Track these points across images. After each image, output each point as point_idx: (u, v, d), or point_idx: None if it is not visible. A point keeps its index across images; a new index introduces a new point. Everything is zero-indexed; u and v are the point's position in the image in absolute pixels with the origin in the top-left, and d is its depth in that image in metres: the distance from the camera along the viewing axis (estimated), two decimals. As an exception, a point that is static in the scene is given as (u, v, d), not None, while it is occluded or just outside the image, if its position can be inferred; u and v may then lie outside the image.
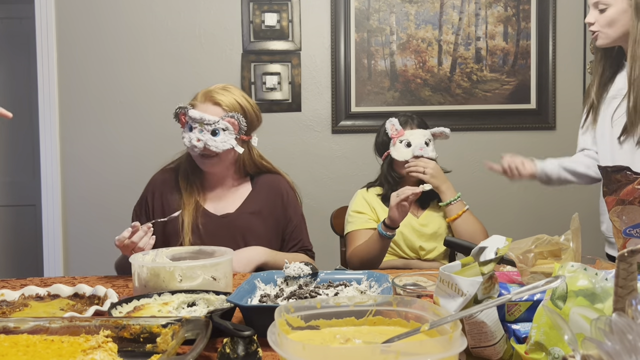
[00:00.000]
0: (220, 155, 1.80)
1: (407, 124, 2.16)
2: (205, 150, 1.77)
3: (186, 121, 1.80)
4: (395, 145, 2.12)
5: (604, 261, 1.08)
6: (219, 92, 1.82)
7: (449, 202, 2.11)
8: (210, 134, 1.76)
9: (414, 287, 1.07)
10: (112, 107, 3.12)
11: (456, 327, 0.73)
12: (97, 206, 3.13)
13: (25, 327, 0.97)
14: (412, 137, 2.11)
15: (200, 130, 1.76)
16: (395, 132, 2.12)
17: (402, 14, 3.14)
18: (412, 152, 2.09)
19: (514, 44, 3.16)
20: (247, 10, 3.10)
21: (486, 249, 0.88)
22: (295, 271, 1.32)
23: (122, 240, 1.59)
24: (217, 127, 1.76)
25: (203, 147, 1.76)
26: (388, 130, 2.14)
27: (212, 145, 1.75)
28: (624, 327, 0.58)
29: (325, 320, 0.85)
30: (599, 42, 1.87)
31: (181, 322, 0.96)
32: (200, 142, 1.75)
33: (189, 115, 1.78)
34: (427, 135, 2.13)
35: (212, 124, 1.75)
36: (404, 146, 2.11)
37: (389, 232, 1.92)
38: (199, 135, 1.76)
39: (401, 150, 2.11)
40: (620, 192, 1.09)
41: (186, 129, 1.80)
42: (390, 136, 2.13)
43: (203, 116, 1.76)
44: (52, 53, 3.08)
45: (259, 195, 1.90)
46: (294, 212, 1.94)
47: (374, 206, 2.17)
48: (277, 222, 1.91)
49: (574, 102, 3.19)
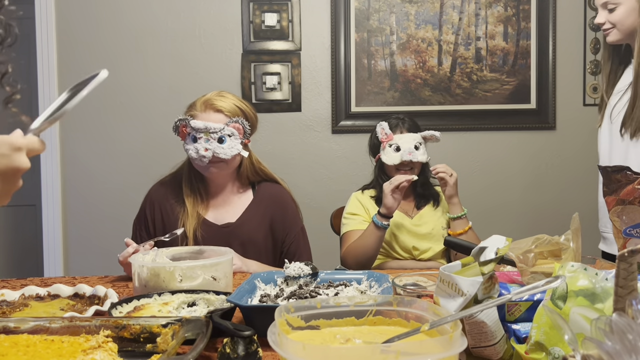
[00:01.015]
0: (228, 161, 1.79)
1: (397, 128, 2.15)
2: (214, 159, 1.75)
3: (188, 132, 1.77)
4: (385, 149, 2.13)
5: (604, 261, 1.08)
6: (217, 98, 1.81)
7: (457, 217, 2.12)
8: (217, 141, 1.74)
9: (414, 287, 1.07)
10: (112, 107, 3.12)
11: (456, 327, 0.73)
12: (97, 206, 3.13)
13: (25, 327, 0.97)
14: (401, 141, 2.11)
15: (207, 140, 1.74)
16: (385, 137, 2.13)
17: (402, 14, 3.14)
18: (401, 157, 2.09)
19: (514, 44, 3.16)
20: (247, 10, 3.10)
21: (486, 249, 0.88)
22: (295, 271, 1.32)
23: (126, 257, 1.58)
24: (224, 133, 1.75)
25: (212, 156, 1.74)
26: (378, 134, 2.16)
27: (221, 153, 1.74)
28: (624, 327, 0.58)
29: (325, 320, 0.85)
30: (609, 39, 1.88)
31: (181, 322, 0.96)
32: (208, 152, 1.73)
33: (191, 126, 1.75)
34: (417, 139, 2.12)
35: (218, 132, 1.74)
36: (393, 150, 2.11)
37: (385, 221, 1.99)
38: (206, 145, 1.73)
39: (390, 155, 2.11)
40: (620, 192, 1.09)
41: (189, 141, 1.77)
42: (380, 140, 2.15)
43: (207, 125, 1.74)
44: (52, 53, 3.08)
45: (261, 205, 1.89)
46: (293, 225, 1.91)
47: (367, 208, 2.18)
48: (276, 234, 1.90)
49: (574, 102, 3.20)
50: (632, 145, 1.82)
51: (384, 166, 2.17)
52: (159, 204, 1.88)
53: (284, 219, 1.90)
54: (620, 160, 1.83)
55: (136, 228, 1.90)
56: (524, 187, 3.21)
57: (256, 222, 1.87)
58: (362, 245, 2.03)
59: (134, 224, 1.92)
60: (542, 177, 3.21)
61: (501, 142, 3.19)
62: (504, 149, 3.21)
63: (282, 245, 1.91)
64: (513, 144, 3.20)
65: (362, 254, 2.03)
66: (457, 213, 2.11)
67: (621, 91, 1.89)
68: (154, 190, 1.93)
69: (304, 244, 1.94)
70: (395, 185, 1.95)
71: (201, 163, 1.77)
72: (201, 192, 1.87)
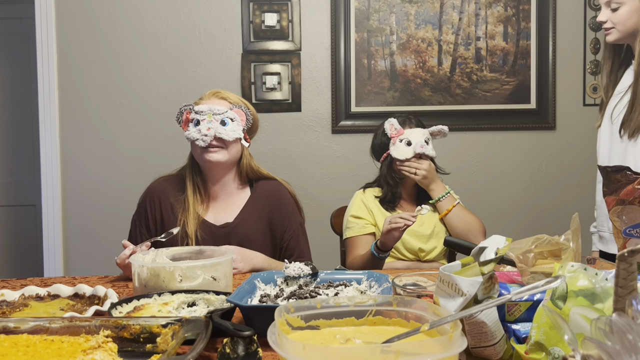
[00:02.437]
0: (228, 145, 1.80)
1: (405, 124, 2.16)
2: (215, 140, 1.78)
3: (191, 119, 1.80)
4: (396, 145, 2.12)
5: (604, 261, 1.08)
6: (223, 91, 1.89)
7: (438, 199, 2.12)
8: (219, 123, 1.78)
9: (414, 287, 1.07)
10: (112, 107, 3.12)
11: (456, 327, 0.73)
12: (97, 206, 3.13)
13: (25, 327, 0.97)
14: (411, 135, 2.11)
15: (210, 121, 1.78)
16: (395, 132, 2.13)
17: (402, 14, 3.14)
18: (414, 150, 2.09)
19: (514, 44, 3.16)
20: (247, 10, 3.10)
21: (486, 249, 0.88)
22: (295, 271, 1.32)
23: (124, 259, 1.58)
24: (226, 116, 1.79)
25: (214, 136, 1.77)
26: (387, 130, 2.15)
27: (223, 133, 1.77)
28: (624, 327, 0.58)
29: (325, 320, 0.85)
30: (609, 38, 1.88)
31: (181, 322, 0.96)
32: (210, 131, 1.77)
33: (195, 110, 1.80)
34: (425, 134, 2.13)
35: (221, 114, 1.79)
36: (405, 145, 2.11)
37: (382, 254, 1.95)
38: (209, 125, 1.77)
39: (402, 149, 2.11)
40: (620, 192, 1.08)
41: (191, 126, 1.80)
42: (390, 136, 2.14)
43: (211, 107, 1.79)
44: (52, 53, 3.08)
45: (258, 202, 1.89)
46: (291, 221, 1.91)
47: (371, 209, 2.17)
48: (274, 230, 1.89)
49: (574, 102, 3.19)
50: (631, 146, 1.83)
51: (392, 163, 2.16)
52: (159, 199, 1.88)
53: (281, 215, 1.90)
54: (619, 160, 1.83)
55: (135, 224, 1.89)
56: (523, 187, 3.21)
57: (254, 220, 1.87)
58: (364, 264, 2.00)
59: (132, 221, 1.91)
60: (542, 177, 3.21)
61: (501, 142, 3.19)
62: (504, 149, 3.21)
63: (281, 242, 1.90)
64: (513, 144, 3.20)
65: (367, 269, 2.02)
66: (439, 194, 2.12)
67: (621, 92, 1.89)
68: (155, 185, 1.92)
69: (303, 240, 1.94)
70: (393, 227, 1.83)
71: (202, 143, 1.78)
72: (201, 191, 1.87)
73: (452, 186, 2.33)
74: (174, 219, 1.83)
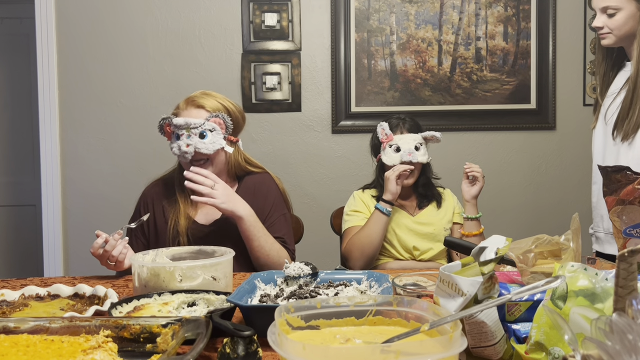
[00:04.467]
0: (211, 157, 1.79)
1: (397, 128, 2.16)
2: (197, 155, 1.76)
3: (172, 131, 1.78)
4: (385, 150, 2.13)
5: (604, 261, 1.08)
6: (200, 96, 1.83)
7: (473, 217, 2.13)
8: (198, 137, 1.75)
9: (414, 287, 1.07)
10: (112, 107, 3.12)
11: (456, 327, 0.73)
12: (97, 206, 3.13)
13: (25, 327, 0.97)
14: (401, 141, 2.11)
15: (188, 136, 1.74)
16: (385, 137, 2.14)
17: (402, 14, 3.14)
18: (401, 158, 2.10)
19: (514, 44, 3.16)
20: (247, 10, 3.10)
21: (486, 249, 0.88)
22: (295, 271, 1.32)
23: (97, 248, 1.59)
24: (204, 128, 1.75)
25: (194, 152, 1.75)
26: (378, 135, 2.16)
27: (202, 148, 1.74)
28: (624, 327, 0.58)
29: (325, 320, 0.85)
30: (605, 42, 1.88)
31: (181, 322, 0.96)
32: (190, 147, 1.74)
33: (173, 123, 1.76)
34: (417, 140, 2.12)
35: (199, 127, 1.75)
36: (393, 151, 2.12)
37: (388, 207, 2.05)
38: (187, 141, 1.74)
39: (390, 155, 2.12)
40: (620, 192, 1.08)
41: (173, 139, 1.78)
42: (380, 140, 2.15)
43: (188, 121, 1.74)
44: (52, 53, 3.08)
45: (245, 196, 1.86)
46: (275, 209, 1.89)
47: (369, 205, 2.19)
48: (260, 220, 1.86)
49: (574, 102, 3.20)
50: (624, 149, 1.84)
51: (384, 167, 2.17)
52: (152, 204, 1.90)
53: (265, 203, 1.88)
54: (613, 161, 1.85)
55: (130, 228, 1.90)
56: (523, 187, 3.21)
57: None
58: (367, 234, 2.05)
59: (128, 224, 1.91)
60: (542, 177, 3.21)
61: (501, 142, 3.19)
62: (504, 148, 3.21)
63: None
64: (513, 143, 3.20)
65: (368, 243, 2.04)
66: (474, 214, 2.13)
67: (614, 93, 1.91)
68: (147, 190, 1.95)
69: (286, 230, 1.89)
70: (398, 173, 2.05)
71: (184, 160, 1.78)
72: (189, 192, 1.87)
73: (452, 186, 2.34)
74: (166, 222, 1.84)
